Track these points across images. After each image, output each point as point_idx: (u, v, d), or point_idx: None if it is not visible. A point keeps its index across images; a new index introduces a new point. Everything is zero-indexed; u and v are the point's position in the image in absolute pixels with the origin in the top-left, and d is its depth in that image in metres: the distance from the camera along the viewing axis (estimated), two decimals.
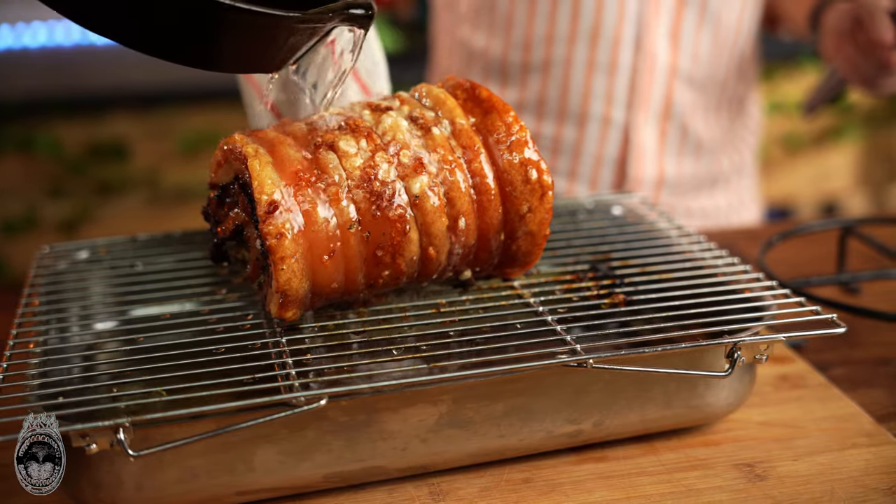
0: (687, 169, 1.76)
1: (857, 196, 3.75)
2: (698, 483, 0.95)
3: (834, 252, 1.43)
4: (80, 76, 3.26)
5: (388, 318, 1.01)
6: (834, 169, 3.70)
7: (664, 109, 1.70)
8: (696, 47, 1.68)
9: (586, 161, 1.72)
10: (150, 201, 3.18)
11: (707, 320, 0.98)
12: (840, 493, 0.93)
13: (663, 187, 1.74)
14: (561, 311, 1.01)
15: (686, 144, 1.74)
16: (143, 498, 0.89)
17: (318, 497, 0.94)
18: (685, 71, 1.69)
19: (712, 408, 1.01)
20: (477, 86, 1.03)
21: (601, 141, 1.71)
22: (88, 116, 3.09)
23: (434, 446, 0.94)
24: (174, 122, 3.13)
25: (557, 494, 0.94)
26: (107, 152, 3.12)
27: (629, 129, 1.70)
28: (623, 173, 1.73)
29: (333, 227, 0.93)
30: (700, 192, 1.80)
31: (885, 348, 1.24)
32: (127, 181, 3.15)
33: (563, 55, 1.68)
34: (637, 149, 1.70)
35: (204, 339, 0.96)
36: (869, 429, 1.03)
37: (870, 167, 3.74)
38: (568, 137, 1.72)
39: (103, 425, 0.82)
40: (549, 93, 1.71)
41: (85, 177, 3.13)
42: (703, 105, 1.74)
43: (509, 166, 0.99)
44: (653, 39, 1.65)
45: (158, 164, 3.16)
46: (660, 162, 1.73)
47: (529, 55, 1.70)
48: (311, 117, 1.01)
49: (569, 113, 1.71)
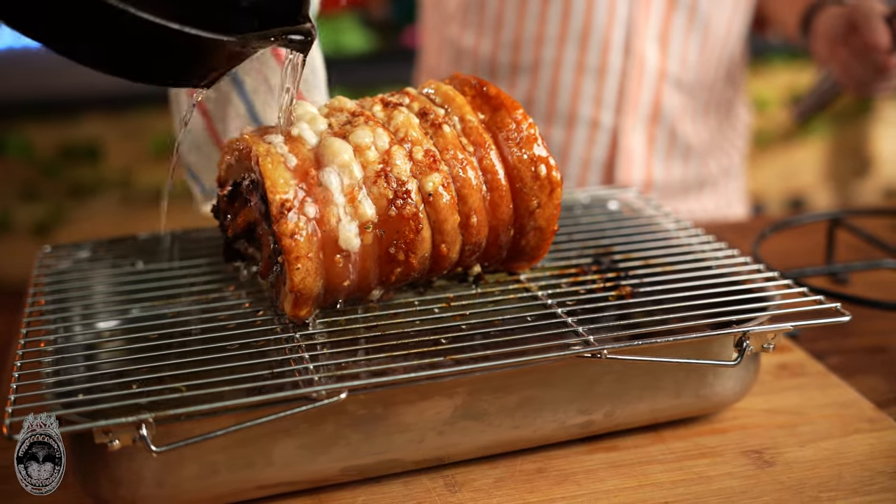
0: (675, 173, 1.77)
1: (823, 192, 3.80)
2: (708, 470, 0.97)
3: (819, 243, 1.46)
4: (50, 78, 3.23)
5: (399, 313, 1.02)
6: (801, 165, 3.76)
7: (653, 113, 1.71)
8: (684, 51, 1.69)
9: (574, 163, 1.73)
10: (123, 203, 3.16)
11: (714, 311, 1.00)
12: (848, 477, 0.95)
13: (651, 191, 1.75)
14: (570, 304, 1.02)
15: (674, 148, 1.75)
16: (163, 494, 0.89)
17: (335, 490, 0.95)
18: (674, 75, 1.70)
19: (719, 397, 1.03)
20: (485, 83, 1.04)
21: (589, 144, 1.71)
22: (60, 118, 3.07)
23: (450, 438, 0.95)
24: (147, 124, 3.11)
25: (571, 483, 0.96)
26: (79, 154, 3.11)
27: (618, 133, 1.70)
28: (611, 177, 1.73)
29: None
30: (688, 195, 1.81)
31: (879, 337, 1.26)
32: (100, 183, 3.13)
33: (552, 56, 1.68)
34: (625, 153, 1.71)
35: (217, 336, 0.97)
36: (870, 414, 1.06)
37: (836, 163, 3.79)
38: (556, 139, 1.72)
39: (127, 421, 0.82)
40: (537, 94, 1.71)
41: (57, 179, 3.10)
42: (692, 109, 1.75)
43: (519, 163, 1.01)
44: (642, 43, 1.66)
45: (131, 165, 3.14)
46: (648, 166, 1.73)
47: (519, 55, 1.71)
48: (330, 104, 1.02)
49: (557, 114, 1.72)
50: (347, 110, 1.01)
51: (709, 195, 1.85)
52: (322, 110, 1.01)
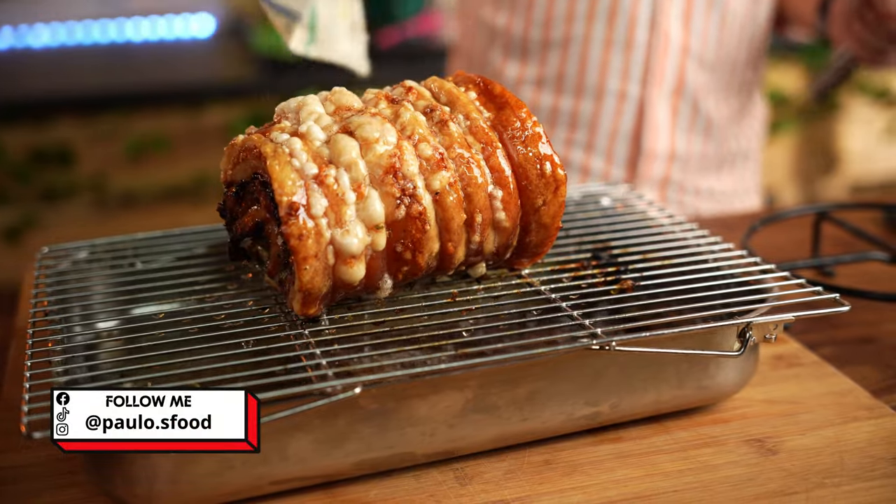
0: (696, 147, 1.85)
1: (790, 188, 3.85)
2: (713, 459, 0.99)
3: (803, 237, 1.49)
4: (20, 81, 3.22)
5: (405, 308, 1.03)
6: (770, 162, 3.80)
7: (677, 86, 1.80)
8: (705, 29, 1.77)
9: (602, 134, 1.81)
10: (96, 207, 3.14)
11: (716, 303, 1.02)
12: (850, 464, 0.97)
13: (674, 162, 1.83)
14: (573, 298, 1.04)
15: (696, 122, 1.83)
16: (178, 491, 0.90)
17: (348, 485, 0.96)
18: (696, 51, 1.79)
19: (721, 387, 1.05)
20: (489, 81, 1.05)
21: (617, 115, 1.80)
22: (31, 122, 3.05)
23: (460, 431, 0.96)
24: (120, 127, 3.10)
25: (579, 474, 0.97)
26: (51, 158, 3.08)
27: (644, 104, 1.79)
28: (637, 147, 1.81)
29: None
30: (708, 173, 1.89)
31: (867, 327, 1.29)
32: (73, 187, 3.11)
33: (581, 32, 1.77)
34: (651, 123, 1.79)
35: (227, 333, 0.97)
36: (867, 402, 1.08)
37: (804, 160, 3.85)
38: (585, 112, 1.81)
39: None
40: (567, 69, 1.80)
41: (29, 183, 3.08)
42: (714, 86, 1.83)
43: (525, 161, 1.02)
44: (666, 19, 1.75)
45: (104, 169, 3.12)
46: (672, 138, 1.82)
47: (549, 32, 1.79)
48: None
49: (586, 88, 1.80)
50: (354, 109, 1.01)
51: (727, 175, 1.93)
52: (328, 107, 1.02)
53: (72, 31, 3.48)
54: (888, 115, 3.86)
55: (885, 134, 3.88)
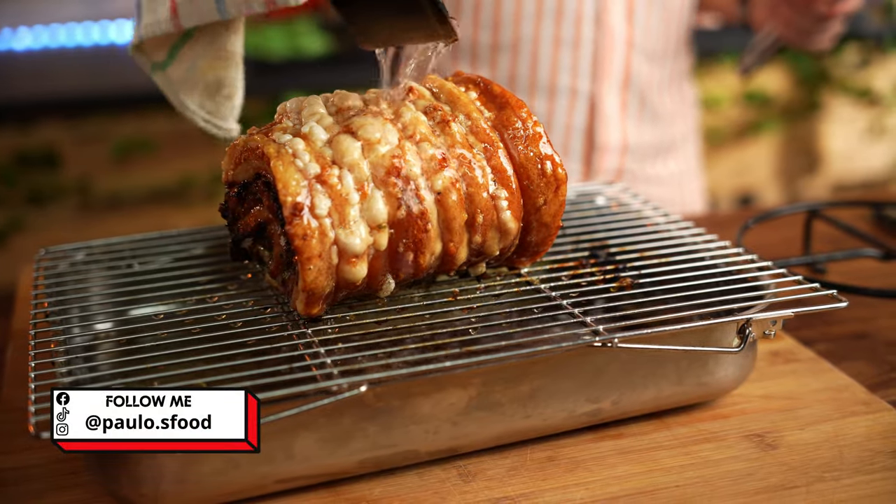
0: (646, 136, 1.89)
1: (772, 188, 3.88)
2: (714, 454, 1.00)
3: (794, 235, 1.50)
4: (4, 84, 3.21)
5: (407, 307, 1.03)
6: (752, 162, 3.83)
7: (624, 80, 1.83)
8: (647, 22, 1.81)
9: (557, 131, 1.83)
10: (82, 209, 3.13)
11: (715, 300, 1.03)
12: (849, 458, 0.99)
13: (627, 153, 1.86)
14: (573, 296, 1.05)
15: (644, 112, 1.87)
16: (184, 490, 0.90)
17: (352, 483, 0.96)
18: (640, 44, 1.82)
19: (720, 383, 1.06)
20: (489, 81, 1.06)
21: (570, 111, 1.82)
22: (16, 124, 3.04)
23: (464, 428, 0.97)
24: (105, 129, 3.09)
25: (582, 470, 0.98)
26: (37, 161, 3.07)
27: (595, 99, 1.81)
28: (591, 141, 1.84)
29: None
30: (657, 159, 1.93)
31: (860, 323, 1.31)
32: (58, 189, 3.10)
33: (530, 32, 1.78)
34: (602, 116, 1.82)
35: (230, 333, 0.98)
36: (864, 397, 1.09)
37: (786, 160, 3.87)
38: (539, 110, 1.83)
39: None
40: (519, 70, 1.81)
41: (15, 186, 3.07)
42: (658, 76, 1.87)
43: (526, 160, 1.03)
44: (611, 15, 1.77)
45: (90, 171, 3.11)
46: (623, 129, 1.85)
47: (498, 35, 1.80)
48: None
49: (539, 87, 1.81)
50: (355, 108, 1.02)
51: (673, 158, 1.97)
52: (330, 108, 1.02)
53: (56, 34, 3.47)
54: (870, 115, 3.89)
55: (867, 133, 3.91)
